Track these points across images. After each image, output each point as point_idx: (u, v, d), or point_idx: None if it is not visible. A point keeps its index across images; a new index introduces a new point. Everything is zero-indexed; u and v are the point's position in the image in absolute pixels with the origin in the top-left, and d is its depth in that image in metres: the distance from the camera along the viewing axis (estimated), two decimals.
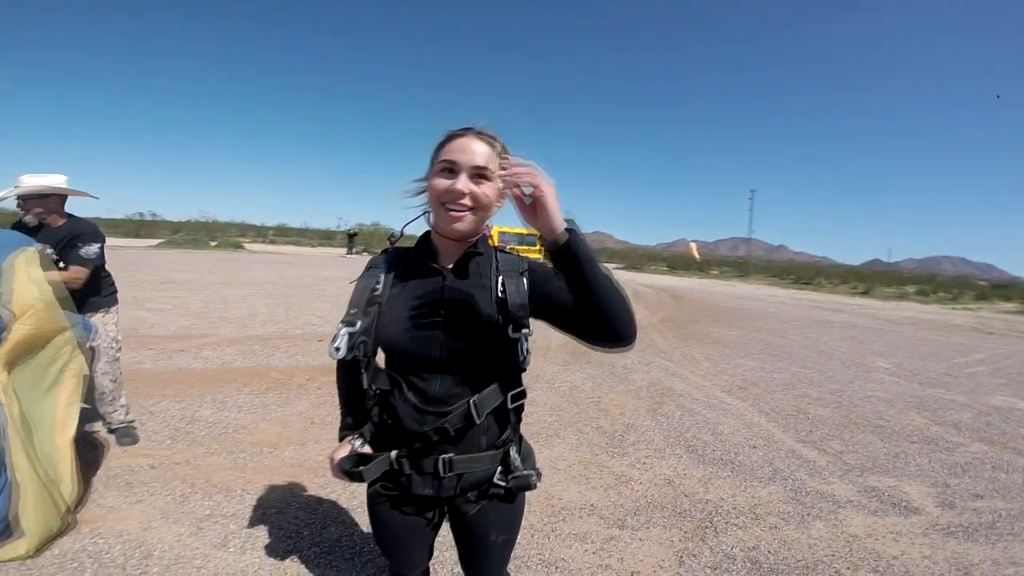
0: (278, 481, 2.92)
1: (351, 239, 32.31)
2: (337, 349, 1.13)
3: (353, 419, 1.32)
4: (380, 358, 1.23)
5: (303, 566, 2.20)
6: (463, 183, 1.10)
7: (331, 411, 4.06)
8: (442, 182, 1.12)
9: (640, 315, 11.23)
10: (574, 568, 2.34)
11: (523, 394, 1.25)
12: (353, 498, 2.78)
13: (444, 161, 1.13)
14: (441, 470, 1.15)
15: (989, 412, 5.55)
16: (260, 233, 46.06)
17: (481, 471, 1.21)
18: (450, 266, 1.22)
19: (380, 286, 1.21)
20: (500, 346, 1.16)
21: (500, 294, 1.18)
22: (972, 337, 12.20)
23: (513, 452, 1.23)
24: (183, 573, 2.11)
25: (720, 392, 5.54)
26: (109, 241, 3.54)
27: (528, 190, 1.01)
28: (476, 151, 1.12)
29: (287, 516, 2.58)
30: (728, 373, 6.49)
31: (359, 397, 1.28)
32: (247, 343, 6.26)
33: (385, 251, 1.30)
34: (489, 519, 1.27)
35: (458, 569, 2.15)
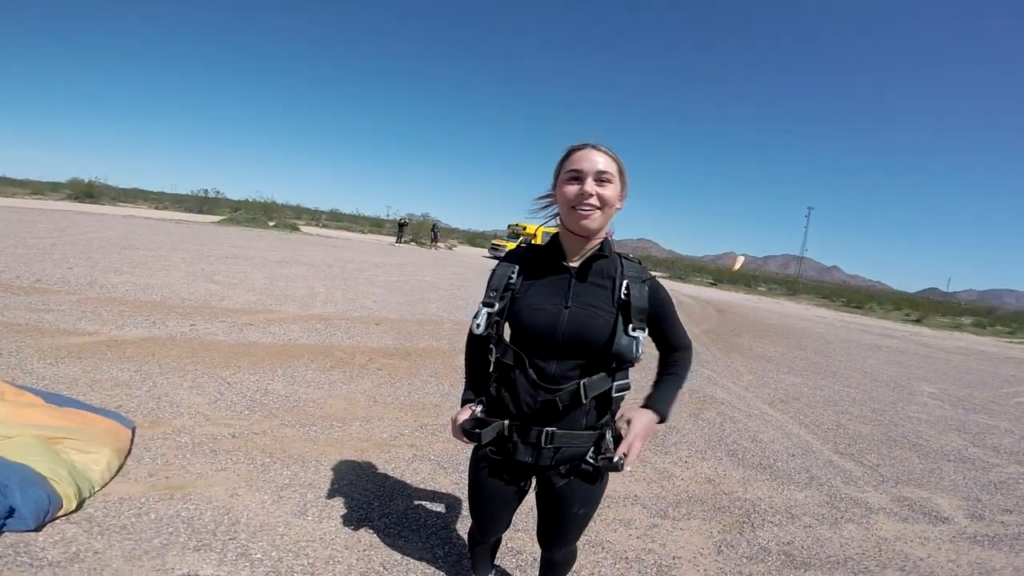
0: (348, 454, 3.09)
1: (401, 228, 32.77)
2: (479, 325, 1.38)
3: (473, 390, 1.54)
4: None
5: (375, 536, 2.35)
6: (590, 186, 1.28)
7: (391, 391, 4.33)
8: (571, 188, 1.31)
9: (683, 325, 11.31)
10: (619, 550, 2.51)
11: (627, 386, 1.41)
12: (416, 474, 2.99)
13: (571, 171, 1.32)
14: (543, 441, 1.36)
15: None
16: (314, 216, 46.96)
17: (576, 447, 1.38)
18: (576, 264, 1.40)
19: (515, 276, 1.42)
20: (615, 340, 1.32)
21: (623, 296, 1.36)
22: None
23: (608, 435, 1.40)
24: (268, 539, 2.22)
25: (761, 404, 5.64)
26: (175, 215, 3.77)
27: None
28: (597, 159, 1.30)
29: (358, 488, 2.73)
30: (770, 387, 6.57)
31: (482, 370, 1.53)
32: (310, 321, 6.55)
33: (519, 247, 1.52)
34: (575, 492, 1.46)
35: (512, 544, 2.42)
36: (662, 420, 1.42)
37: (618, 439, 1.43)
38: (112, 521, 2.21)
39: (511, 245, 24.57)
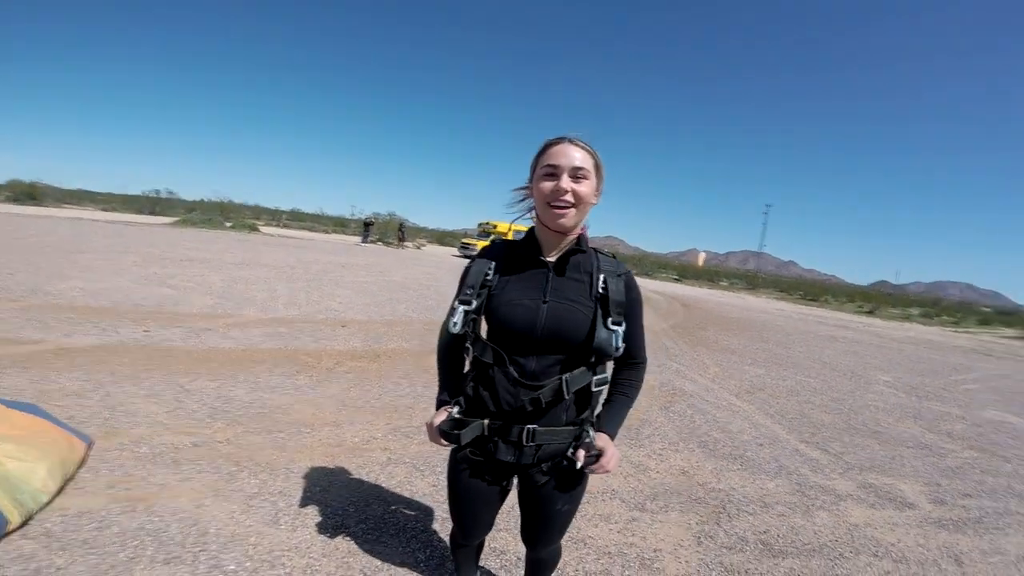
0: (318, 461, 3.00)
1: (367, 228, 32.14)
2: (456, 324, 1.33)
3: (448, 392, 1.50)
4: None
5: (352, 542, 2.29)
6: (565, 182, 1.26)
7: (361, 395, 4.23)
8: (547, 184, 1.28)
9: (651, 320, 11.52)
10: (601, 544, 2.52)
11: (607, 380, 1.40)
12: (392, 478, 2.92)
13: (547, 166, 1.29)
14: (524, 439, 1.34)
15: (981, 424, 5.88)
16: (274, 216, 45.67)
17: (558, 444, 1.37)
18: (553, 259, 1.37)
19: (491, 272, 1.38)
20: (595, 333, 1.30)
21: (601, 290, 1.34)
22: (971, 358, 12.49)
23: (590, 430, 1.39)
24: (240, 550, 2.14)
25: (728, 395, 5.77)
26: (125, 217, 3.64)
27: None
28: (574, 155, 1.28)
29: (331, 494, 2.66)
30: (736, 378, 6.73)
31: (458, 371, 1.50)
32: (272, 325, 6.33)
33: (493, 242, 1.49)
34: (557, 489, 1.44)
35: (495, 545, 2.39)
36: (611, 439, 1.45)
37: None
38: (72, 536, 2.11)
39: (481, 244, 24.34)
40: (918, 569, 2.65)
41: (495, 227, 28.73)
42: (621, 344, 1.33)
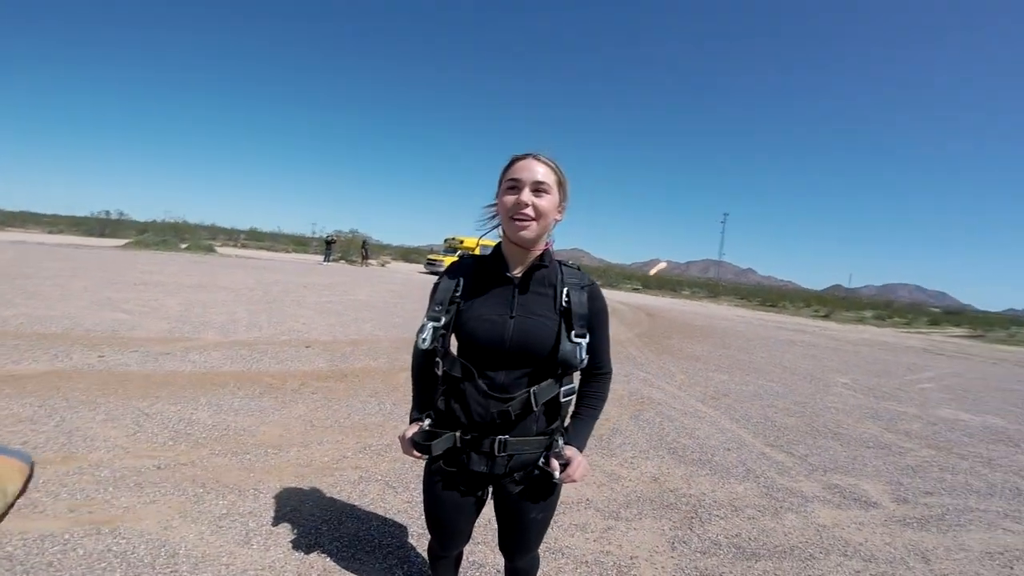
0: (288, 481, 2.96)
1: (329, 246, 31.59)
2: (424, 340, 1.36)
3: (419, 408, 1.53)
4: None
5: (328, 560, 2.27)
6: (526, 196, 1.31)
7: (330, 414, 4.16)
8: (509, 198, 1.33)
9: (617, 330, 11.67)
10: (578, 554, 2.54)
11: (574, 391, 1.45)
12: (364, 495, 2.89)
13: (510, 180, 1.34)
14: (496, 450, 1.36)
15: (936, 422, 6.12)
16: (231, 236, 44.64)
17: (529, 454, 1.40)
18: (518, 274, 1.42)
19: (459, 288, 1.42)
20: (560, 347, 1.34)
21: (564, 303, 1.39)
22: (923, 357, 13.03)
23: (560, 440, 1.43)
24: (212, 570, 2.12)
25: (695, 401, 5.88)
26: (73, 239, 3.59)
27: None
28: (536, 170, 1.32)
29: (303, 514, 2.63)
30: (701, 385, 6.87)
31: (429, 386, 1.52)
32: (233, 348, 6.18)
33: (461, 258, 1.51)
34: (531, 498, 1.46)
35: (473, 558, 2.38)
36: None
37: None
38: (36, 559, 2.07)
39: (448, 260, 24.26)
40: (887, 568, 2.73)
41: (462, 242, 28.73)
42: (585, 356, 1.38)
